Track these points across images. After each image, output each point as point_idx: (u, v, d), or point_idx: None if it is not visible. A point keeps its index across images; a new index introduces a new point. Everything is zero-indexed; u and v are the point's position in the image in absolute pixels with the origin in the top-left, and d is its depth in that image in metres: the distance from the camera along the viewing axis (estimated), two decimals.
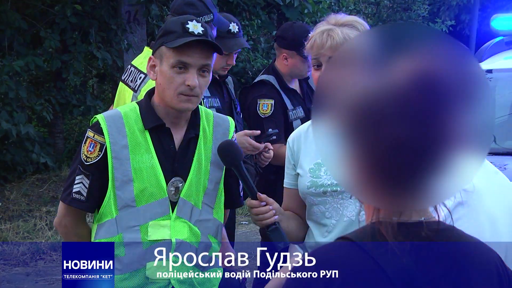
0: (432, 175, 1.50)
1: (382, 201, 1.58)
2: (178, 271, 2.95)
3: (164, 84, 2.92)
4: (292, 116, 5.01)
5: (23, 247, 8.06)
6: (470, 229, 1.90)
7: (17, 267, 7.67)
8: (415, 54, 1.51)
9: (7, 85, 9.35)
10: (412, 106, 1.48)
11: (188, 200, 2.98)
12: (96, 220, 3.00)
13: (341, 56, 1.63)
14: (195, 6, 4.09)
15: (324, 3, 13.25)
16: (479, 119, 1.51)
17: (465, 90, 1.50)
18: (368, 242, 1.62)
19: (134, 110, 2.99)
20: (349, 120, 1.52)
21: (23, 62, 9.56)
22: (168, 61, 2.90)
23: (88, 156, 2.94)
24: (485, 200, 2.35)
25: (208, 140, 3.04)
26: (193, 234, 2.99)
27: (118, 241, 2.93)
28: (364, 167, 1.53)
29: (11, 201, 9.36)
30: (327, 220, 3.00)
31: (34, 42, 10.60)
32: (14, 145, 9.66)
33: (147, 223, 2.93)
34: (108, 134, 2.92)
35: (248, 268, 7.51)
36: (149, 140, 2.95)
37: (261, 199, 2.94)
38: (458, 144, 1.50)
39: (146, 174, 2.92)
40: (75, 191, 2.96)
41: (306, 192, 3.04)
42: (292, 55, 4.98)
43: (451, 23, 18.34)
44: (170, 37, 2.90)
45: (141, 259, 2.93)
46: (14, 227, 8.60)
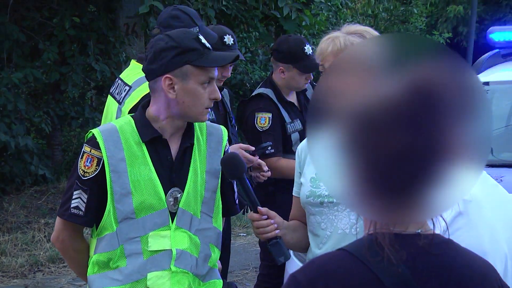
0: (430, 187, 1.51)
1: (379, 214, 1.59)
2: (179, 281, 2.96)
3: (190, 101, 2.93)
4: (290, 129, 5.01)
5: (21, 259, 8.05)
6: (470, 240, 1.91)
7: (15, 279, 7.65)
8: (414, 66, 1.51)
9: (6, 97, 9.33)
10: (410, 118, 1.48)
11: (187, 210, 2.98)
12: (95, 234, 2.99)
13: (336, 65, 1.62)
14: (180, 19, 4.09)
15: (321, 15, 13.27)
16: (477, 131, 1.52)
17: (463, 102, 1.51)
18: (365, 252, 1.62)
19: (129, 123, 2.99)
20: (346, 132, 1.52)
21: (21, 74, 9.55)
22: (198, 78, 2.92)
23: (85, 171, 2.93)
24: (484, 212, 2.36)
25: (203, 149, 3.06)
26: (193, 244, 2.99)
27: (119, 253, 2.93)
28: (360, 179, 1.53)
29: (10, 212, 9.34)
30: (322, 231, 3.00)
31: (33, 54, 10.60)
32: (13, 157, 9.65)
33: (148, 234, 2.93)
34: (105, 148, 2.92)
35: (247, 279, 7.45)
36: (146, 152, 2.96)
37: (261, 212, 2.94)
38: (456, 156, 1.50)
39: (144, 186, 2.93)
40: (73, 206, 2.95)
41: (305, 202, 3.04)
42: (288, 68, 4.99)
43: (449, 35, 18.39)
44: (194, 55, 2.91)
45: (142, 270, 2.93)
46: (13, 239, 8.58)
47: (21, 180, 10.22)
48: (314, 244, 3.04)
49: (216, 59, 2.93)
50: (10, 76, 9.54)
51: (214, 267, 3.11)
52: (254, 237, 8.05)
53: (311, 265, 1.67)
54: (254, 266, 7.60)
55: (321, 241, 3.01)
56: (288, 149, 5.00)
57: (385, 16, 16.67)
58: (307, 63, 4.95)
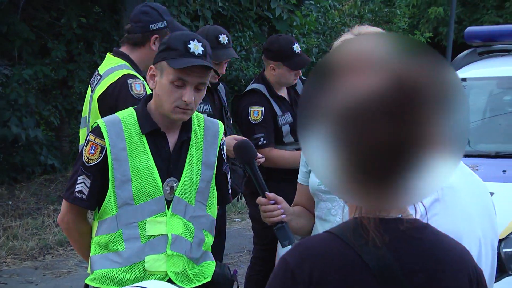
0: (410, 176, 1.51)
1: (364, 200, 1.59)
2: (174, 263, 2.96)
3: (162, 96, 2.92)
4: (281, 121, 5.01)
5: (32, 242, 8.05)
6: (446, 225, 1.90)
7: (26, 261, 7.65)
8: (395, 63, 1.50)
9: (17, 92, 9.33)
10: (393, 112, 1.48)
11: (182, 198, 2.98)
12: (97, 217, 3.00)
13: (322, 65, 1.61)
14: (149, 14, 4.08)
15: (311, 16, 13.26)
16: (455, 124, 1.51)
17: (442, 97, 1.50)
18: (350, 235, 1.62)
19: (131, 116, 2.99)
20: (333, 126, 1.51)
21: (31, 71, 9.54)
22: (168, 76, 2.89)
23: (89, 158, 2.94)
24: (461, 198, 2.36)
25: (199, 142, 3.05)
26: (187, 229, 2.99)
27: (118, 236, 2.94)
28: (348, 169, 1.52)
29: (21, 200, 9.33)
30: (332, 217, 2.97)
31: (42, 52, 10.59)
32: (24, 148, 9.64)
33: (145, 219, 2.93)
34: (108, 138, 2.92)
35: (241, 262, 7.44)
36: (146, 143, 2.95)
37: (269, 197, 2.90)
38: (435, 147, 1.50)
39: (143, 174, 2.93)
40: (77, 190, 2.96)
41: (316, 189, 3.00)
42: (278, 65, 4.98)
43: (430, 35, 18.38)
44: (172, 54, 2.89)
45: (140, 253, 2.94)
46: (24, 224, 8.58)
47: (32, 170, 10.22)
48: (322, 229, 2.98)
49: (181, 63, 2.86)
50: (21, 72, 9.54)
51: (208, 250, 3.11)
52: (248, 222, 8.05)
53: (299, 247, 1.67)
54: (248, 249, 7.60)
55: (331, 226, 2.98)
56: (280, 140, 5.00)
57: (370, 17, 16.64)
58: (296, 61, 4.95)
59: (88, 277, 3.01)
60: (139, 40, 4.08)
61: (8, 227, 8.48)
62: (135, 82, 3.88)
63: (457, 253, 1.71)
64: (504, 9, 19.08)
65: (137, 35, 4.08)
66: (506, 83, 6.24)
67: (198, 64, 2.87)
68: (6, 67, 10.45)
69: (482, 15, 19.49)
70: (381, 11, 16.88)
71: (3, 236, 8.24)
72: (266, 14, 11.26)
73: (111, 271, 2.95)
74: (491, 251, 2.43)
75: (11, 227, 8.48)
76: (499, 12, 19.20)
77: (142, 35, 4.06)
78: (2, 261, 7.60)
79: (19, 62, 10.00)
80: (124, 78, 3.90)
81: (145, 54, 4.07)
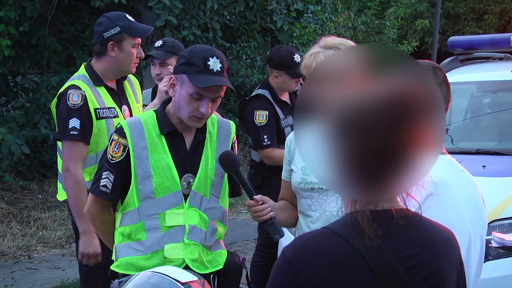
0: (398, 171, 1.52)
1: (358, 193, 1.59)
2: (191, 251, 2.97)
3: (180, 104, 2.90)
4: (284, 124, 5.03)
5: (59, 232, 8.07)
6: (439, 216, 1.91)
7: (54, 249, 7.67)
8: (383, 73, 1.52)
9: (46, 97, 9.35)
10: (384, 118, 1.49)
11: (198, 192, 2.98)
12: (120, 209, 3.00)
13: (315, 73, 1.62)
14: (102, 23, 3.95)
15: (310, 27, 13.25)
16: (435, 127, 1.53)
17: (426, 104, 1.52)
18: (347, 230, 1.61)
19: (151, 117, 2.99)
20: (328, 130, 1.53)
21: (58, 78, 9.56)
22: (188, 89, 2.86)
23: (113, 156, 2.94)
24: (453, 192, 2.36)
25: (213, 141, 3.05)
26: (202, 220, 2.99)
27: (140, 227, 2.94)
28: (344, 166, 1.53)
29: (49, 193, 9.35)
30: (312, 212, 2.98)
31: (68, 61, 10.59)
32: (52, 147, 9.66)
33: (164, 212, 2.93)
34: (130, 137, 2.92)
35: (248, 249, 7.44)
36: (165, 143, 2.95)
37: (257, 200, 2.92)
38: (419, 147, 1.52)
39: (162, 171, 2.92)
40: (102, 184, 2.96)
41: (296, 187, 3.02)
42: (280, 74, 4.99)
43: (416, 44, 18.32)
44: (193, 69, 2.85)
45: (160, 242, 2.94)
46: (52, 215, 8.60)
47: None
48: (304, 223, 3.01)
49: (202, 81, 2.82)
50: (49, 80, 9.55)
51: (220, 239, 3.11)
52: None
53: (298, 242, 1.66)
54: (254, 238, 7.60)
55: (311, 220, 2.98)
56: (282, 141, 4.99)
57: (363, 28, 16.61)
58: (296, 70, 4.96)
59: (113, 263, 3.01)
60: (99, 50, 3.97)
61: (38, 218, 8.51)
62: (74, 93, 3.83)
63: (447, 238, 1.71)
64: (483, 21, 19.07)
65: (96, 46, 3.99)
66: (485, 87, 6.24)
67: (217, 84, 2.86)
68: (36, 75, 10.47)
69: (464, 26, 19.47)
70: (373, 23, 16.84)
71: (33, 226, 8.26)
72: (269, 26, 11.25)
73: (134, 258, 2.95)
74: (480, 242, 2.43)
75: (40, 218, 8.51)
76: (479, 23, 19.18)
77: (100, 45, 3.95)
78: (33, 249, 7.62)
79: (47, 70, 10.02)
80: (67, 89, 3.88)
81: (109, 61, 3.96)
